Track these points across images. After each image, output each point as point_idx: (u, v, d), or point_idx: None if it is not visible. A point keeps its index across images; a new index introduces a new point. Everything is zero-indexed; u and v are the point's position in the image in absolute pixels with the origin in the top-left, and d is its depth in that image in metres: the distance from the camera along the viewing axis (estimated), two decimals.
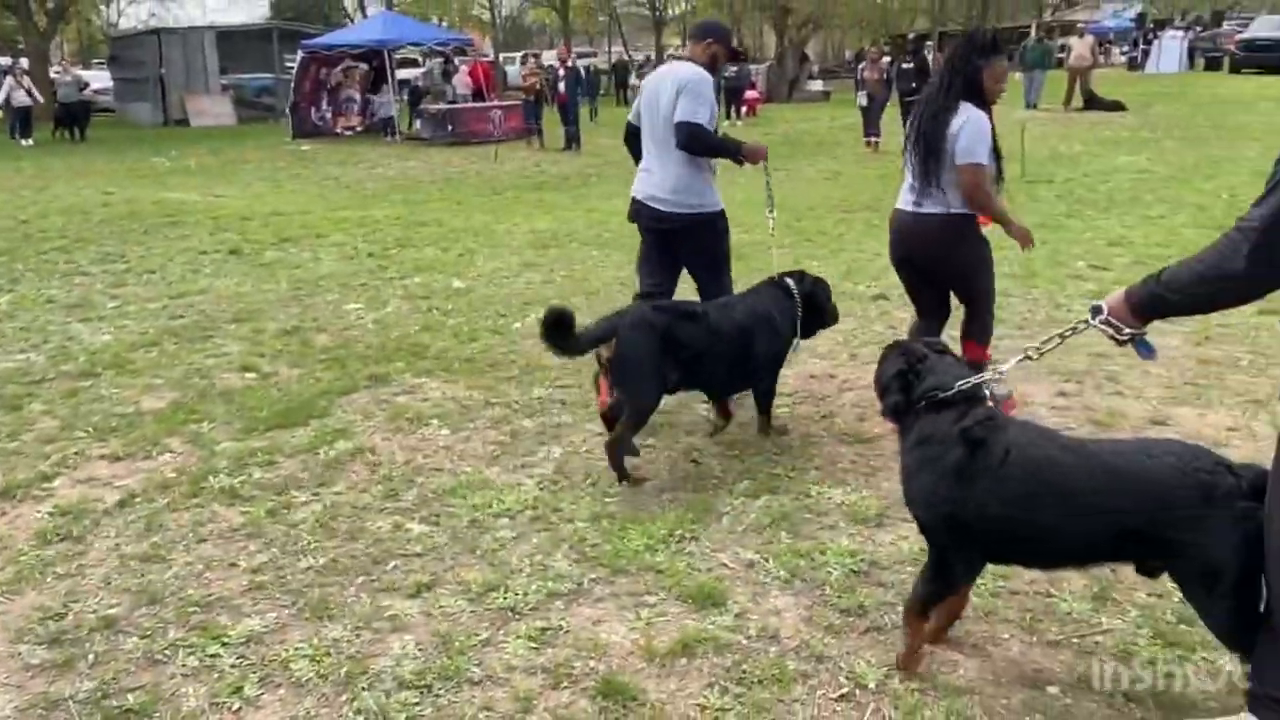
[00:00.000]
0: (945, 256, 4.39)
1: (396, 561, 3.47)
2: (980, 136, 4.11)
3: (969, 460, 2.57)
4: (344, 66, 23.17)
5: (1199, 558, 2.37)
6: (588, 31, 51.96)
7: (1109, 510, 2.45)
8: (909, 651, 2.81)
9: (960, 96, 4.16)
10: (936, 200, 4.24)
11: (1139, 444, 2.67)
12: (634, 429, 4.05)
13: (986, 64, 4.19)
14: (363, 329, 6.39)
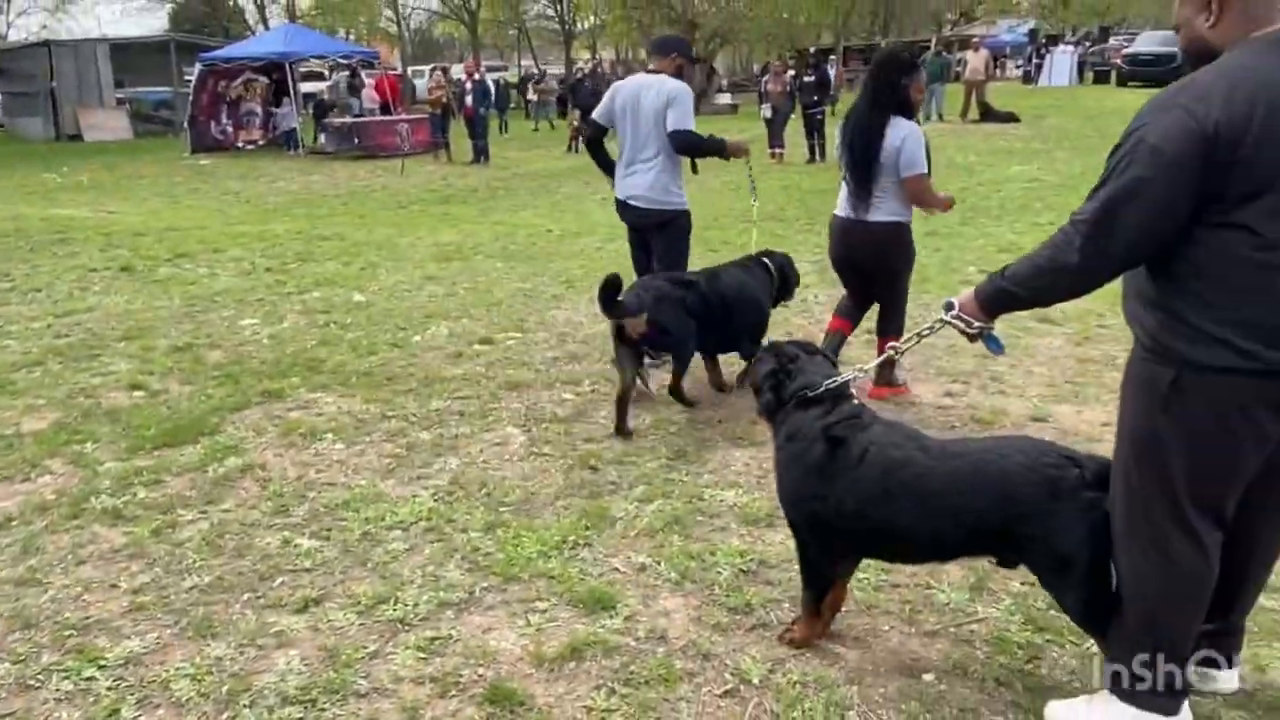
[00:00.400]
0: (882, 260, 4.88)
1: (284, 577, 3.41)
2: (918, 147, 4.59)
3: (829, 457, 2.67)
4: (245, 79, 22.67)
5: (1050, 549, 2.49)
6: (497, 45, 51.79)
7: (963, 510, 2.57)
8: (803, 641, 2.93)
9: (891, 112, 4.59)
10: (877, 209, 4.70)
11: (992, 444, 2.78)
12: (682, 375, 4.96)
13: (910, 80, 4.67)
14: (258, 344, 6.27)
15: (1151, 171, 2.15)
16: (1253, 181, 2.11)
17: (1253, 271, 2.14)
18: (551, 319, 6.87)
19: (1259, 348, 2.16)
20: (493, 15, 45.60)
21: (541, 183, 15.79)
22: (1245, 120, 2.08)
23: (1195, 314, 2.22)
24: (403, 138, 20.64)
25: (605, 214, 12.00)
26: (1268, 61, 2.13)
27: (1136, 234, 2.21)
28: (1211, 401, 2.24)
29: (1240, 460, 2.29)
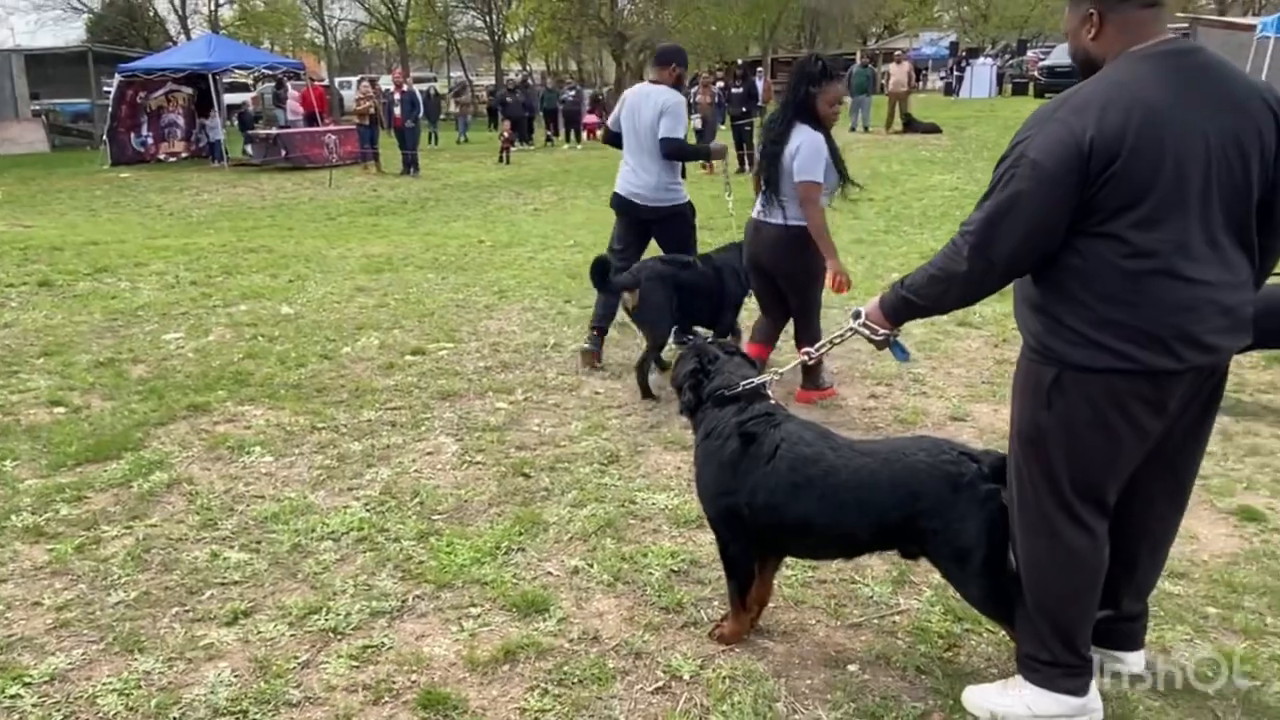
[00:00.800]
0: (781, 263, 4.90)
1: (213, 590, 3.38)
2: (814, 156, 4.59)
3: (741, 453, 2.78)
4: (167, 90, 22.20)
5: (950, 541, 2.61)
6: (426, 56, 51.44)
7: (868, 504, 2.68)
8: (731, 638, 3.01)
9: (795, 120, 4.67)
10: (777, 213, 4.78)
11: (897, 443, 2.91)
12: (653, 352, 5.43)
13: (819, 89, 4.63)
14: (182, 358, 6.17)
15: (1031, 185, 2.27)
16: (1125, 194, 2.23)
17: (1124, 279, 2.28)
18: (484, 329, 6.87)
19: (1132, 349, 2.29)
20: (421, 26, 45.28)
21: (473, 194, 15.76)
22: (1119, 135, 2.20)
23: (1074, 318, 2.35)
24: (331, 149, 20.43)
25: (537, 224, 12.06)
26: (1143, 76, 2.25)
27: (1018, 244, 2.33)
28: (1090, 399, 2.37)
29: (1120, 453, 2.42)
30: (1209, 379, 2.44)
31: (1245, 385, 5.36)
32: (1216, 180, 2.25)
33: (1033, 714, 2.58)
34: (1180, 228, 2.25)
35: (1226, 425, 4.74)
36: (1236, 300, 2.33)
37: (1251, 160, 2.27)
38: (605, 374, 5.79)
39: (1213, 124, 2.23)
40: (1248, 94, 2.29)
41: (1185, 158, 2.21)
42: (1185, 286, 2.27)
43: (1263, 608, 3.18)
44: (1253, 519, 3.77)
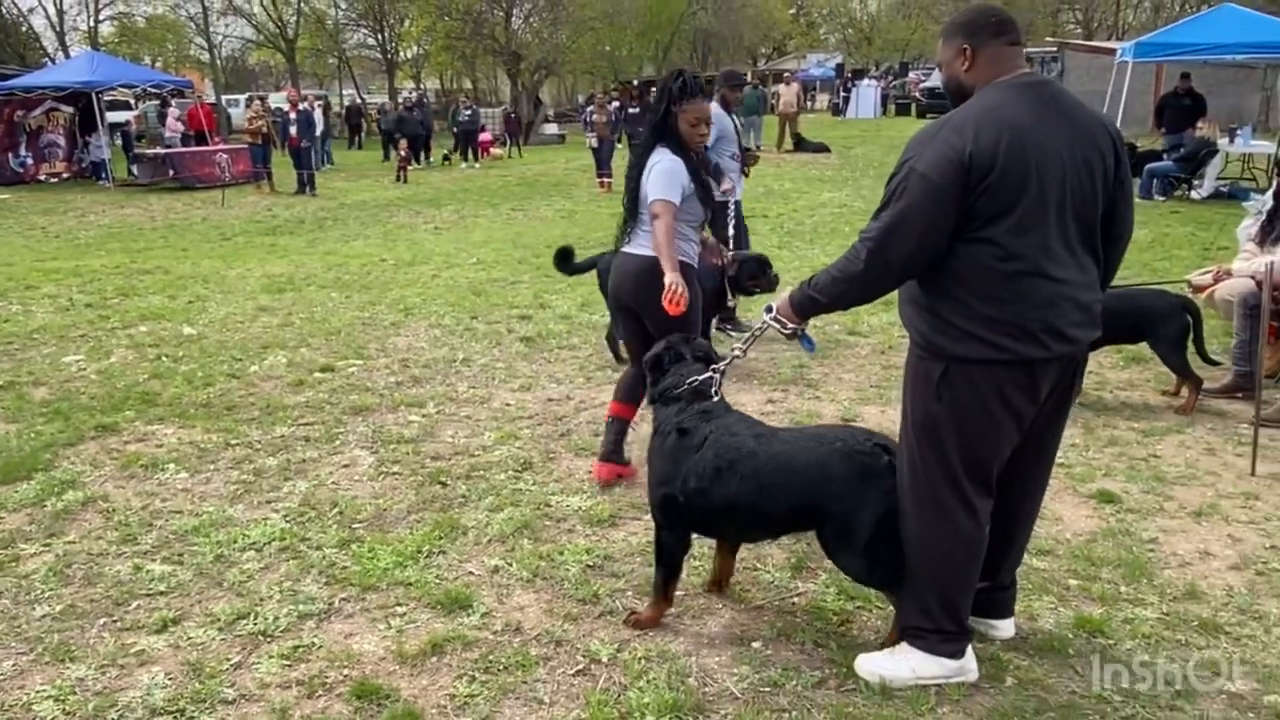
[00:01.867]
0: (640, 293, 4.22)
1: (139, 601, 3.46)
2: (669, 177, 4.07)
3: (677, 445, 3.09)
4: (46, 109, 21.46)
5: (845, 523, 2.91)
6: (317, 73, 50.63)
7: (784, 488, 2.97)
8: (646, 623, 3.25)
9: (658, 140, 4.19)
10: (639, 241, 4.23)
11: (821, 430, 3.26)
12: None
13: (680, 109, 4.15)
14: (85, 380, 6.12)
15: (920, 196, 2.60)
16: (998, 203, 2.58)
17: (999, 279, 2.62)
18: (392, 345, 6.98)
19: (1008, 341, 2.63)
20: (311, 44, 44.58)
21: (371, 213, 15.70)
22: (992, 151, 2.55)
23: (957, 316, 2.68)
24: (223, 168, 20.07)
25: (438, 242, 12.15)
26: (1009, 102, 2.62)
27: (912, 248, 2.65)
28: (975, 388, 2.69)
29: (1002, 436, 2.75)
30: (1068, 368, 2.79)
31: (1106, 384, 5.85)
32: (1070, 193, 2.62)
33: (917, 676, 2.88)
34: (1044, 233, 2.61)
35: (1089, 419, 5.20)
36: (1089, 298, 2.71)
37: (1096, 178, 2.66)
38: (514, 386, 5.97)
39: (1065, 145, 2.61)
40: (1090, 121, 2.69)
41: (1046, 173, 2.57)
42: (1050, 285, 2.62)
43: (1117, 578, 3.56)
44: (1109, 501, 4.18)
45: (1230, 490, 4.30)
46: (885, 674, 2.91)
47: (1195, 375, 5.34)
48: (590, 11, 38.76)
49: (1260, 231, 6.09)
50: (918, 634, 2.91)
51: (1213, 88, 21.06)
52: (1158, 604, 3.38)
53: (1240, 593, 3.45)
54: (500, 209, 15.76)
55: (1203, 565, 3.66)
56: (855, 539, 2.92)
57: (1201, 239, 10.77)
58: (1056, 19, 45.38)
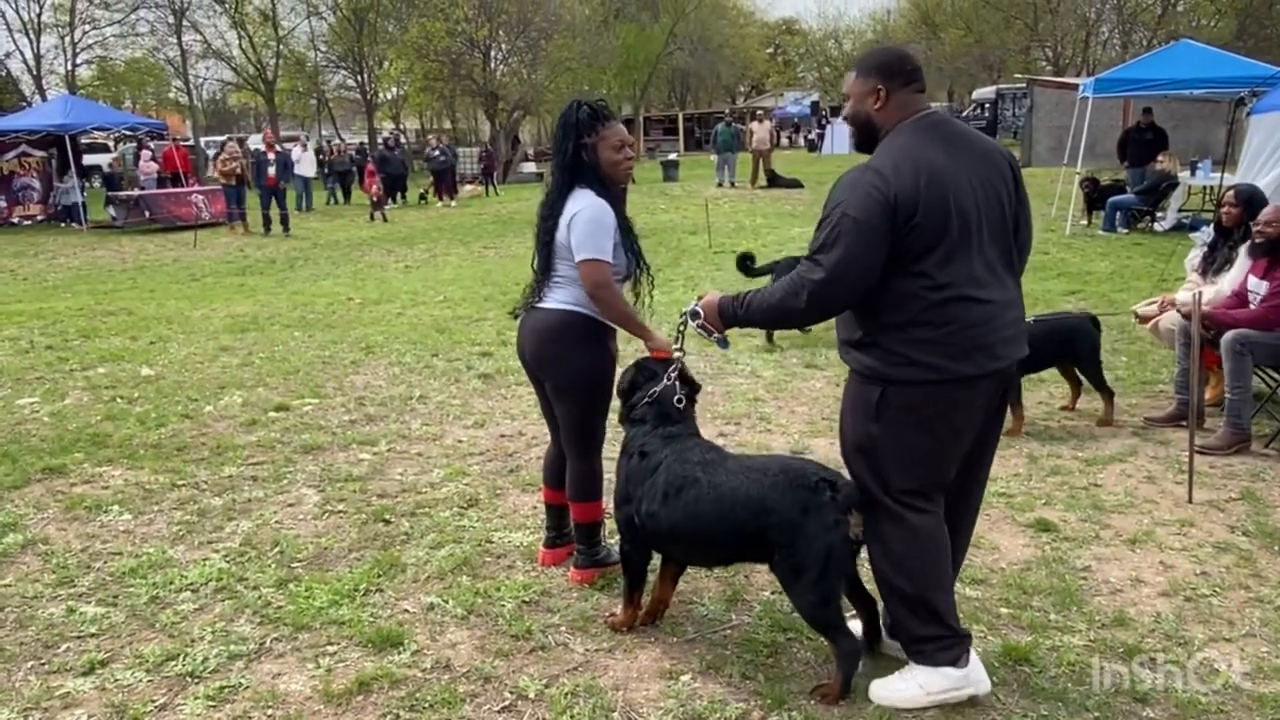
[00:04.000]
0: (542, 354, 3.70)
1: (69, 644, 3.44)
2: (596, 228, 3.48)
3: (638, 468, 3.24)
4: (19, 153, 21.47)
5: (791, 557, 2.95)
6: (296, 115, 50.84)
7: (726, 518, 3.04)
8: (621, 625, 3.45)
9: (573, 183, 3.57)
10: (555, 295, 3.65)
11: (768, 462, 3.31)
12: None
13: (595, 137, 3.54)
14: (37, 422, 6.10)
15: (856, 239, 2.74)
16: (926, 240, 2.73)
17: (931, 307, 2.78)
18: (350, 384, 6.98)
19: (943, 361, 2.78)
20: (290, 86, 44.84)
21: (344, 252, 15.74)
22: (914, 191, 2.71)
23: (893, 342, 2.83)
24: (199, 209, 20.10)
25: (407, 281, 12.18)
26: (922, 143, 2.80)
27: (850, 289, 2.81)
28: (912, 409, 2.83)
29: (942, 451, 2.90)
30: (999, 385, 2.93)
31: (1054, 414, 5.91)
32: (986, 220, 2.81)
33: (926, 693, 2.94)
34: (968, 261, 2.78)
35: (1034, 449, 5.25)
36: (1014, 316, 2.92)
37: (1004, 202, 2.86)
38: (468, 423, 5.98)
39: (975, 176, 2.80)
40: (991, 151, 2.92)
41: (963, 205, 2.75)
42: (978, 307, 2.79)
43: (1048, 606, 3.58)
44: (1046, 529, 4.22)
45: (1166, 518, 4.34)
46: (896, 697, 2.96)
47: (1108, 387, 5.74)
48: (568, 52, 39.13)
49: (1202, 262, 6.20)
50: (917, 649, 2.99)
51: (1181, 121, 21.46)
52: (1085, 631, 3.40)
53: (1167, 619, 3.48)
54: (472, 247, 15.83)
55: (1133, 592, 3.69)
56: (803, 574, 2.94)
57: (1160, 270, 10.91)
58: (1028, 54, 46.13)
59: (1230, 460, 5.04)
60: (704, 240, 14.45)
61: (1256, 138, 9.69)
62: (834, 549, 2.92)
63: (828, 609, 2.97)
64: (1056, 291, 9.73)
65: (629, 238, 3.66)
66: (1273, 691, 3.02)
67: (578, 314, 3.60)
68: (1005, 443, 5.34)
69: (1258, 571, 3.83)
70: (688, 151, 43.56)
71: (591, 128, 3.53)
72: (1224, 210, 6.02)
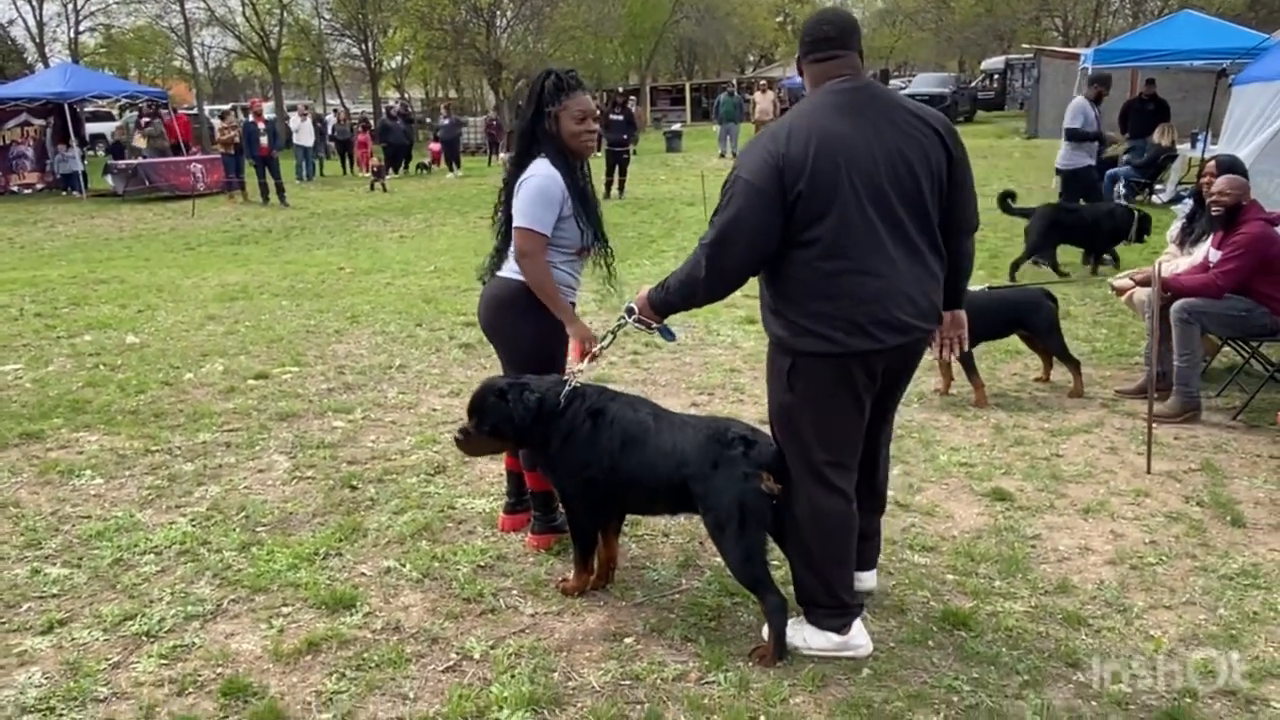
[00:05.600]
0: (494, 323, 3.75)
1: (31, 604, 3.51)
2: (537, 198, 3.47)
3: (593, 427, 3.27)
4: (20, 121, 21.48)
5: (710, 509, 3.04)
6: (301, 83, 50.63)
7: (657, 465, 3.15)
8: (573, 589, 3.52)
9: (532, 153, 3.57)
10: (509, 266, 3.66)
11: (697, 419, 3.37)
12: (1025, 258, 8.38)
13: (557, 107, 3.53)
14: (19, 389, 6.17)
15: (746, 200, 2.76)
16: (815, 207, 2.73)
17: (825, 279, 2.77)
18: (332, 352, 7.04)
19: (841, 336, 2.79)
20: (295, 54, 44.62)
21: (340, 221, 15.76)
22: (803, 157, 2.71)
23: (795, 314, 2.84)
24: (198, 178, 20.13)
25: (400, 251, 12.21)
26: (820, 108, 2.81)
27: (743, 251, 2.81)
28: (819, 379, 2.87)
29: (849, 419, 2.94)
30: (906, 352, 2.96)
31: (1026, 386, 5.94)
32: (893, 190, 2.77)
33: (808, 646, 3.07)
34: (864, 231, 2.76)
35: (1000, 420, 5.28)
36: (922, 290, 2.87)
37: (919, 172, 2.80)
38: (444, 391, 6.04)
39: (882, 145, 2.77)
40: (912, 122, 2.84)
41: (856, 170, 2.73)
42: (875, 280, 2.78)
43: (993, 573, 3.63)
44: (1002, 499, 4.26)
45: (1122, 488, 4.38)
46: (791, 642, 3.08)
47: (1074, 357, 5.78)
48: (573, 21, 38.86)
49: (1180, 233, 6.20)
50: (807, 608, 3.09)
51: (1189, 93, 21.23)
52: (1028, 598, 3.45)
53: (1110, 586, 3.52)
54: (469, 217, 15.81)
55: (1080, 560, 3.74)
56: (724, 528, 3.03)
57: (1153, 243, 10.86)
58: (1038, 24, 45.64)
59: (1195, 431, 5.07)
60: (701, 211, 14.38)
61: (1238, 109, 9.63)
62: (746, 502, 2.99)
63: (751, 564, 3.04)
64: None
65: (587, 209, 3.64)
66: (1203, 656, 3.06)
67: (525, 284, 3.59)
68: (972, 413, 5.39)
69: (1206, 541, 3.87)
70: (694, 122, 43.28)
71: (555, 97, 3.52)
72: (1204, 181, 6.01)
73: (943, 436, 5.06)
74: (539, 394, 3.31)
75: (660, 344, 6.86)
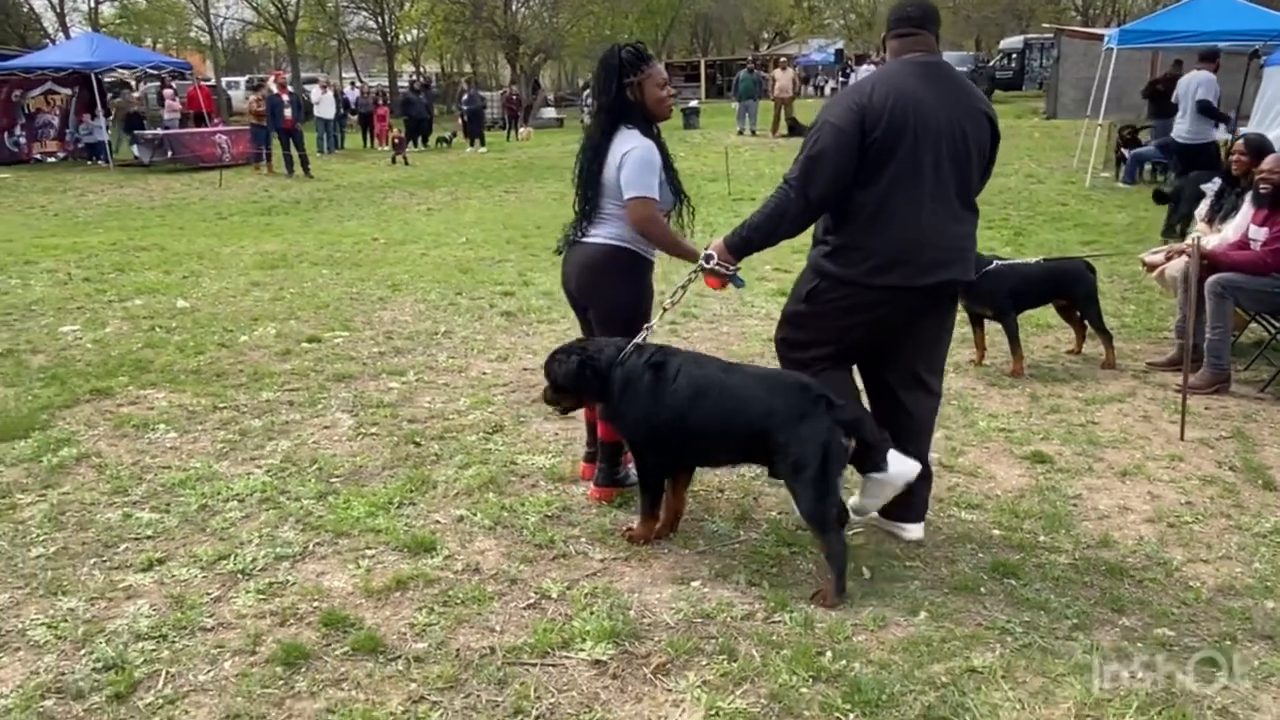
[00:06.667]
0: (588, 286, 3.94)
1: (128, 544, 3.73)
2: (645, 168, 3.68)
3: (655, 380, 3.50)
4: (45, 90, 21.66)
5: (790, 455, 3.26)
6: (316, 56, 50.70)
7: (740, 412, 3.37)
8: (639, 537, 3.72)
9: (617, 123, 3.77)
10: (599, 231, 3.86)
11: (769, 373, 3.64)
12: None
13: (640, 75, 3.73)
14: (81, 349, 6.38)
15: (831, 139, 3.22)
16: (882, 153, 3.19)
17: (873, 217, 3.27)
18: (378, 319, 7.23)
19: (869, 265, 3.30)
20: (311, 26, 44.67)
21: (366, 194, 15.93)
22: (881, 109, 3.17)
23: (840, 243, 3.37)
24: (223, 149, 20.31)
25: (429, 223, 12.39)
26: (902, 73, 3.29)
27: (827, 184, 3.26)
28: (835, 300, 3.42)
29: (853, 338, 3.50)
30: (936, 294, 3.40)
31: (1059, 358, 6.11)
32: (948, 155, 3.25)
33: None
34: (916, 180, 3.23)
35: (1036, 389, 5.46)
36: (957, 244, 3.37)
37: (971, 145, 3.30)
38: (491, 356, 6.23)
39: (945, 113, 3.24)
40: (972, 100, 3.37)
41: (923, 130, 3.20)
42: (914, 227, 3.25)
43: (1038, 529, 3.82)
44: (1042, 461, 4.44)
45: (1158, 453, 4.56)
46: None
47: (1107, 330, 5.97)
48: None
49: (1210, 210, 6.34)
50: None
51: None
52: (1071, 551, 3.64)
53: (1150, 542, 3.71)
54: (493, 191, 15.99)
55: (1119, 518, 3.92)
56: (801, 471, 3.24)
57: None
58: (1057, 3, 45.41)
59: (1225, 402, 5.24)
60: (723, 188, 14.53)
61: (1270, 89, 9.72)
62: (831, 449, 3.24)
63: (824, 504, 3.24)
64: (1072, 242, 9.85)
65: (670, 173, 3.87)
66: (1240, 605, 3.25)
67: (621, 249, 3.83)
68: (1009, 383, 5.57)
69: (1240, 502, 4.05)
70: (709, 99, 43.24)
71: (636, 68, 3.74)
72: (1233, 159, 6.14)
73: (980, 404, 5.24)
74: (581, 356, 3.63)
75: (697, 314, 7.07)
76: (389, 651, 3.02)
